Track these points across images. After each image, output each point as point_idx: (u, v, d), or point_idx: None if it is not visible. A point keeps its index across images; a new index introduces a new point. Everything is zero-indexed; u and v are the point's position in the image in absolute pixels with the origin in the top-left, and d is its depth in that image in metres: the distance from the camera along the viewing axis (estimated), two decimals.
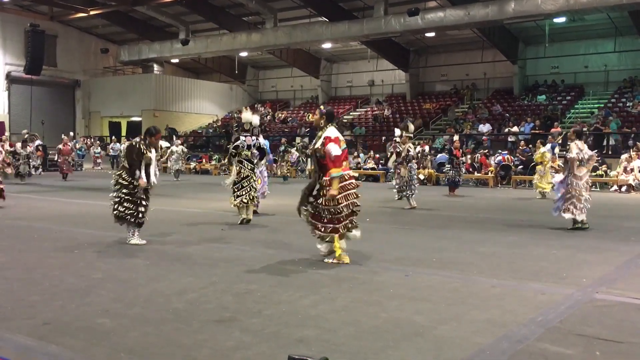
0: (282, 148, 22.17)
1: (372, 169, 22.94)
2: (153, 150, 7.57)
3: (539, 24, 25.38)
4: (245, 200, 9.40)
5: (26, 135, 20.27)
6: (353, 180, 6.37)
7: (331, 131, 6.29)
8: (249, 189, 9.44)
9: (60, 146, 21.13)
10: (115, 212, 7.37)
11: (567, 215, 8.98)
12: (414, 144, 16.39)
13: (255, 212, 10.35)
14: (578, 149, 8.94)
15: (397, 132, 14.09)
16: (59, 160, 21.34)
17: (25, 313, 4.35)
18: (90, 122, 35.61)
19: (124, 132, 32.93)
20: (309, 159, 23.85)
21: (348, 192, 6.26)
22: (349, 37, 26.14)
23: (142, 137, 7.61)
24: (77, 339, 3.80)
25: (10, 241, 7.59)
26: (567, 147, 9.17)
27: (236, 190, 9.46)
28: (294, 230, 8.58)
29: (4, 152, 14.59)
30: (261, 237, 8.13)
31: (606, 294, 5.13)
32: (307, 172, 23.45)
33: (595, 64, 26.96)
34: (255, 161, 9.78)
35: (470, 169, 20.85)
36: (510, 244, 7.78)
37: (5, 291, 5.01)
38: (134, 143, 7.52)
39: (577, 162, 8.89)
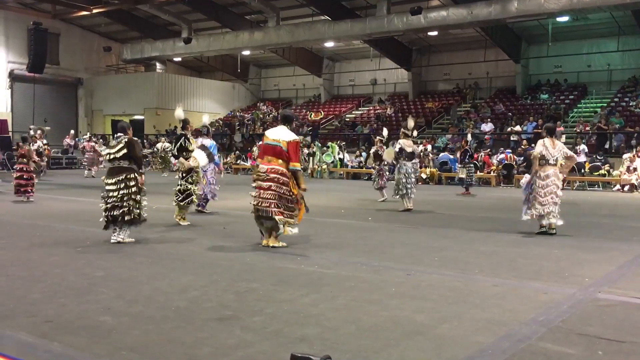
0: None
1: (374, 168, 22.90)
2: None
3: (542, 23, 25.33)
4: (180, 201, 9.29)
5: (38, 132, 20.59)
6: (257, 174, 7.15)
7: None
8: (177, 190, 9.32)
9: (93, 144, 22.22)
10: (130, 215, 7.24)
11: (527, 216, 8.44)
12: (415, 142, 16.30)
13: (202, 211, 10.54)
14: (543, 146, 8.39)
15: (385, 132, 14.08)
16: (88, 155, 21.81)
17: (27, 311, 4.36)
18: (92, 121, 35.65)
19: None
20: (310, 157, 23.92)
21: None
22: (351, 36, 26.12)
23: (124, 132, 7.55)
24: (79, 336, 3.81)
25: (12, 239, 7.61)
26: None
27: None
28: None
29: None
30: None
31: (608, 294, 5.12)
32: (308, 171, 23.41)
33: (598, 63, 26.89)
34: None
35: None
36: (511, 243, 7.77)
37: (7, 289, 5.02)
38: (135, 139, 7.54)
39: (541, 160, 8.33)
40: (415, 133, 12.52)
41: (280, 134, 7.06)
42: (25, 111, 30.50)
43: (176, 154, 9.46)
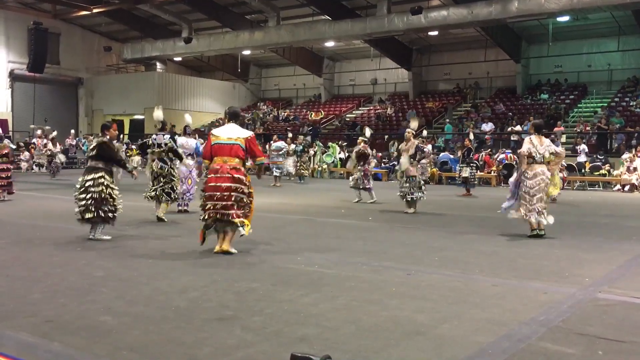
0: (300, 148, 21.98)
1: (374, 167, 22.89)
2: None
3: (542, 23, 25.33)
4: (152, 196, 9.60)
5: (38, 131, 20.78)
6: (210, 176, 6.77)
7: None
8: (161, 187, 9.57)
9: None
10: (109, 213, 7.39)
11: (517, 215, 8.21)
12: (423, 141, 16.18)
13: (185, 211, 10.64)
14: (530, 143, 8.23)
15: (368, 132, 14.00)
16: None
17: (27, 311, 4.36)
18: (93, 120, 35.66)
19: (126, 130, 32.96)
20: (310, 158, 23.89)
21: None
22: (351, 35, 26.12)
23: (102, 133, 7.71)
24: (79, 336, 3.81)
25: (12, 239, 7.61)
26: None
27: (151, 185, 9.70)
28: (294, 230, 8.60)
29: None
30: (262, 236, 8.12)
31: (608, 293, 5.12)
32: (309, 171, 23.37)
33: (598, 63, 26.89)
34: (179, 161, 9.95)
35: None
36: (511, 243, 7.78)
37: (7, 289, 5.02)
38: (106, 140, 7.59)
39: (529, 159, 8.17)
40: (425, 133, 12.46)
41: (235, 132, 6.87)
42: (26, 111, 30.52)
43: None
